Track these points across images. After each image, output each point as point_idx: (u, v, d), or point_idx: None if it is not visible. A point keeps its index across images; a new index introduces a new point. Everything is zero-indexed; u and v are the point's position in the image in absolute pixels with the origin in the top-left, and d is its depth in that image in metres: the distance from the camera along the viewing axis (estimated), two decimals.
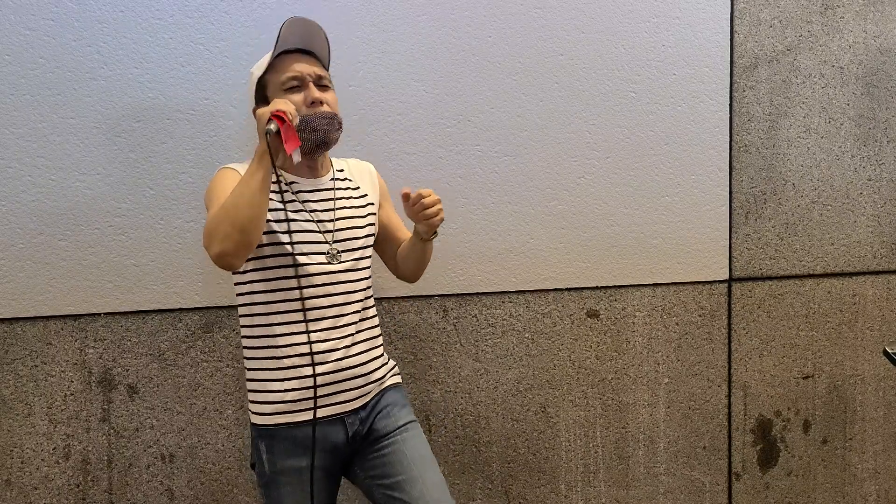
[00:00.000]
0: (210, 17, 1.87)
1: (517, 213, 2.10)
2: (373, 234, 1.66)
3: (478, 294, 2.09)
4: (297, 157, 1.45)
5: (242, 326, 1.58)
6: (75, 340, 1.87)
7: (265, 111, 1.43)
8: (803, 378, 2.35)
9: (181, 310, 1.92)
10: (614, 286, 2.18)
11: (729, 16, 2.19)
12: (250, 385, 1.57)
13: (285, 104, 1.44)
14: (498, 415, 2.13)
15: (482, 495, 2.13)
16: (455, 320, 2.08)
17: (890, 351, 1.83)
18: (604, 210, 2.16)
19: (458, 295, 2.07)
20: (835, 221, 2.33)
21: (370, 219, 1.65)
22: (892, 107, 2.34)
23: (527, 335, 2.13)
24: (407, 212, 1.58)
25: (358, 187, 1.67)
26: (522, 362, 2.13)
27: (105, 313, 1.88)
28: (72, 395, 1.88)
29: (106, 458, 1.90)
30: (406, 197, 1.55)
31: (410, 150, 2.01)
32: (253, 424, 1.57)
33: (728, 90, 2.21)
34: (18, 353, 1.85)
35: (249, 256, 1.47)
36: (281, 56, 1.56)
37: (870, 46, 2.30)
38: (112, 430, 1.91)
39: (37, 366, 1.86)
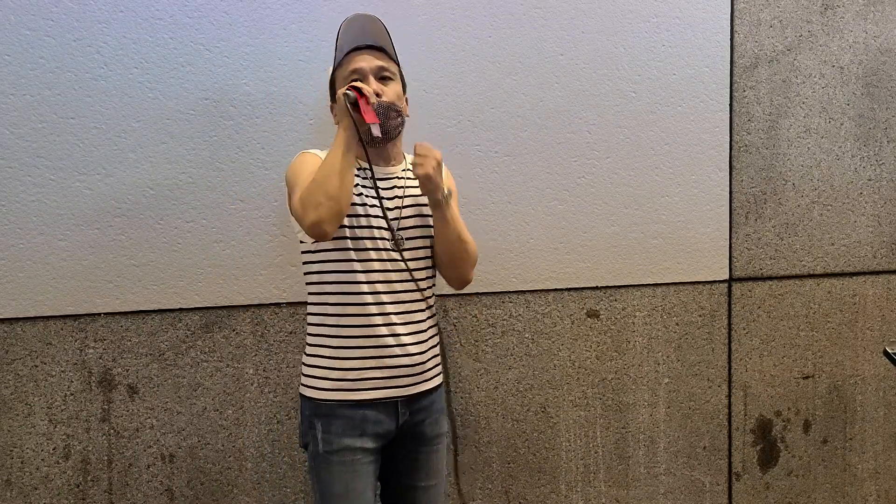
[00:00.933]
0: (210, 17, 1.87)
1: (517, 213, 2.10)
2: None
3: (478, 294, 2.09)
4: (376, 131, 1.52)
5: (311, 304, 1.65)
6: (75, 340, 1.87)
7: (340, 93, 1.52)
8: (803, 378, 2.35)
9: (181, 310, 1.92)
10: (614, 286, 2.18)
11: (729, 16, 2.19)
12: (310, 360, 1.63)
13: (357, 84, 1.53)
14: (498, 415, 2.13)
15: (482, 495, 2.13)
16: (455, 320, 2.08)
17: (890, 351, 1.83)
18: (604, 210, 2.15)
19: (458, 295, 2.07)
20: (835, 221, 2.33)
21: None
22: (892, 107, 2.34)
23: (527, 335, 2.13)
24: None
25: None
26: (522, 362, 2.13)
27: (105, 313, 1.88)
28: (72, 395, 1.88)
29: (106, 458, 1.90)
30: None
31: (410, 150, 2.01)
32: (309, 402, 1.62)
33: (728, 90, 2.21)
34: (18, 353, 1.85)
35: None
36: (348, 53, 1.62)
37: (870, 46, 2.30)
38: (112, 430, 1.91)
39: (37, 366, 1.86)
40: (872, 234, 2.36)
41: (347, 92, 1.50)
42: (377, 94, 1.58)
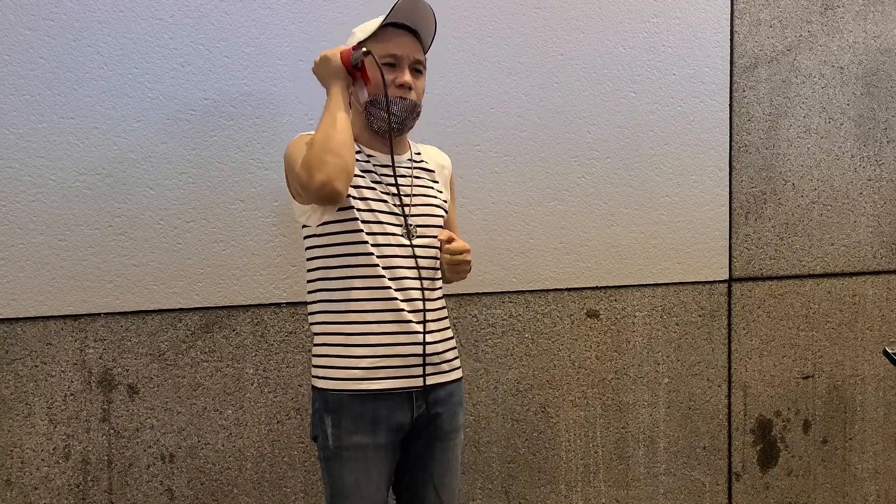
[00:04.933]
0: (210, 17, 1.87)
1: (517, 213, 2.10)
2: (443, 219, 1.64)
3: (478, 294, 2.09)
4: (362, 95, 1.52)
5: (314, 292, 1.58)
6: (75, 340, 1.87)
7: (330, 53, 1.51)
8: (803, 378, 2.35)
9: (181, 310, 1.92)
10: (614, 286, 2.18)
11: (729, 16, 2.20)
12: (322, 350, 1.55)
13: (344, 46, 1.53)
14: (498, 415, 2.13)
15: (482, 495, 2.13)
16: (455, 320, 2.08)
17: (890, 351, 1.83)
18: (604, 210, 2.16)
19: (458, 295, 2.07)
20: (835, 221, 2.33)
21: (443, 206, 1.64)
22: (892, 107, 2.34)
23: (527, 335, 2.13)
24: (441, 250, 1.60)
25: (433, 171, 1.66)
26: (522, 362, 2.13)
27: (105, 313, 1.88)
28: (72, 395, 1.88)
29: (106, 458, 1.91)
30: (443, 241, 1.58)
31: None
32: (320, 394, 1.55)
33: (728, 90, 2.21)
34: (18, 353, 1.85)
35: (326, 221, 1.52)
36: (387, 28, 1.54)
37: (870, 46, 2.30)
38: (112, 430, 1.91)
39: (37, 366, 1.86)
40: (872, 234, 2.36)
41: (362, 50, 1.48)
42: (409, 88, 1.54)
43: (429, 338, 1.54)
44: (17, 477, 1.86)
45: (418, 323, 1.53)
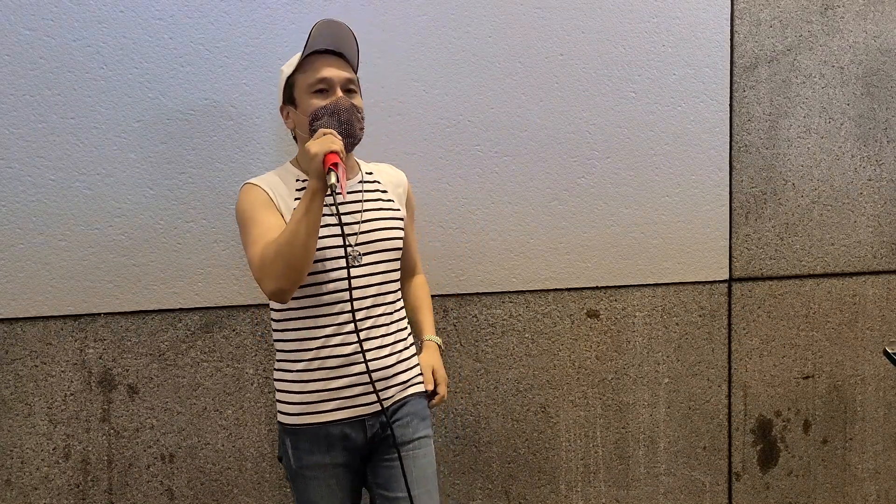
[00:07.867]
0: (210, 17, 1.87)
1: (517, 213, 2.10)
2: (401, 238, 1.64)
3: (478, 294, 2.09)
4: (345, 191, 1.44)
5: (273, 330, 1.62)
6: (75, 340, 1.87)
7: (316, 150, 1.39)
8: (803, 378, 2.35)
9: (181, 310, 1.92)
10: (614, 286, 2.18)
11: (729, 16, 2.19)
12: (277, 385, 1.62)
13: (333, 142, 1.41)
14: (498, 415, 2.13)
15: (482, 495, 2.13)
16: (455, 320, 2.08)
17: (890, 351, 1.83)
18: (604, 210, 2.15)
19: (458, 295, 2.07)
20: (835, 221, 2.33)
21: (398, 223, 1.64)
22: (892, 107, 2.33)
23: (527, 335, 2.13)
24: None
25: (386, 191, 1.66)
26: (522, 362, 2.13)
27: (105, 313, 1.88)
28: (72, 395, 1.88)
29: (106, 458, 1.91)
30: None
31: (410, 150, 2.01)
32: (279, 421, 1.62)
33: (728, 90, 2.21)
34: (18, 353, 1.85)
35: None
36: (311, 57, 1.54)
37: (870, 46, 2.30)
38: (112, 430, 1.91)
39: (37, 366, 1.86)
40: (872, 234, 2.36)
41: (333, 182, 1.39)
42: (347, 98, 1.52)
43: (376, 364, 1.55)
44: (17, 477, 1.86)
45: (368, 350, 1.54)
